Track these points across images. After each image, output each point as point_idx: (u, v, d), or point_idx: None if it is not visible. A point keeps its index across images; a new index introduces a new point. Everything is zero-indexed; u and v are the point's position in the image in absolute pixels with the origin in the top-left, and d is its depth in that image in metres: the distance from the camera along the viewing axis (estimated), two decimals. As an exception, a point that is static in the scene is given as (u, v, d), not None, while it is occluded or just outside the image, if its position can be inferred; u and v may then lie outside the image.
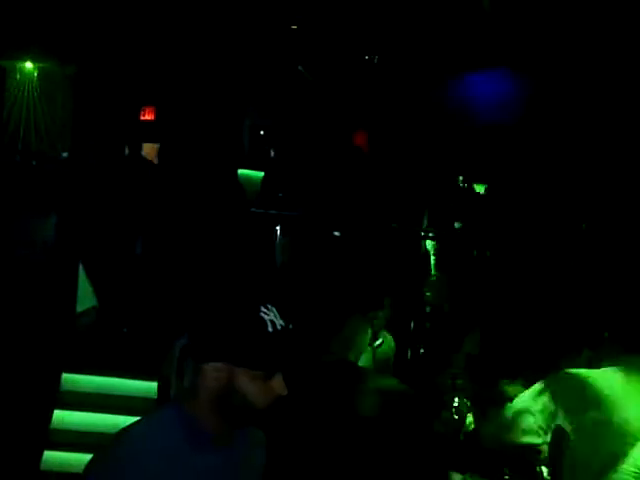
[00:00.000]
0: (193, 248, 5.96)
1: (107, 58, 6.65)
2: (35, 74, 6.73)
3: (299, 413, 2.50)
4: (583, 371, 2.20)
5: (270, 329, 1.50)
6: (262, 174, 7.09)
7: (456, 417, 2.78)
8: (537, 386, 2.24)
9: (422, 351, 6.05)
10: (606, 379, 2.15)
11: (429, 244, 6.84)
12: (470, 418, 2.78)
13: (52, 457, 4.74)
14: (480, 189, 6.98)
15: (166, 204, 6.18)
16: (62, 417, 4.95)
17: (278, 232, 6.65)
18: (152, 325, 5.44)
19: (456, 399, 2.80)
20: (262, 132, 7.22)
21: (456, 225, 6.84)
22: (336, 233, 6.68)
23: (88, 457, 1.51)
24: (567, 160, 6.08)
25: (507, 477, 2.59)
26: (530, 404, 2.22)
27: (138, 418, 1.57)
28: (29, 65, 6.66)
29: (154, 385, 5.05)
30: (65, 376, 5.14)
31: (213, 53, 6.93)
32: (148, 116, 6.84)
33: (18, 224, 5.86)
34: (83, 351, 5.39)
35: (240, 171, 6.86)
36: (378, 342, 4.14)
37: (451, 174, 6.71)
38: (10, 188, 6.11)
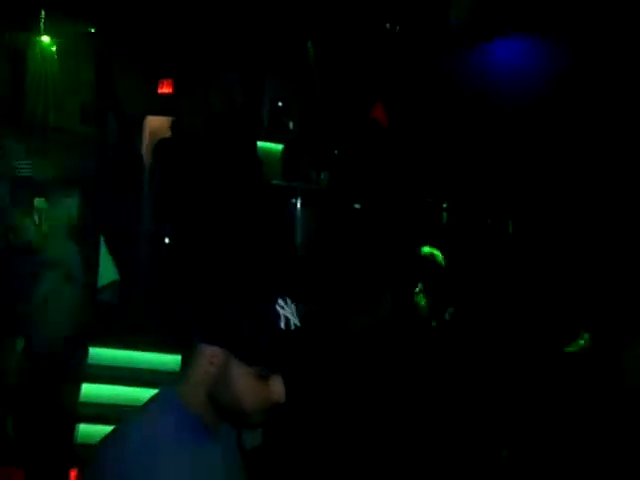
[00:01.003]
0: (213, 224, 5.94)
1: (125, 29, 6.59)
2: (54, 49, 6.67)
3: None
4: None
5: (282, 325, 1.34)
6: (282, 146, 7.04)
7: None
8: None
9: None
10: None
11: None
12: None
13: (81, 430, 4.82)
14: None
15: (186, 181, 6.15)
16: (90, 390, 5.02)
17: (298, 205, 6.63)
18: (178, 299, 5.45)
19: None
20: (280, 104, 7.13)
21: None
22: (357, 205, 6.63)
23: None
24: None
25: None
26: None
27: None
28: (46, 39, 6.61)
29: (178, 358, 5.11)
30: (92, 350, 5.20)
31: (230, 23, 6.84)
32: (166, 89, 6.79)
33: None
34: (107, 325, 5.44)
35: (260, 143, 6.82)
36: None
37: (473, 149, 6.60)
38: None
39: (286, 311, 1.35)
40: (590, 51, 5.89)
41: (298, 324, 1.36)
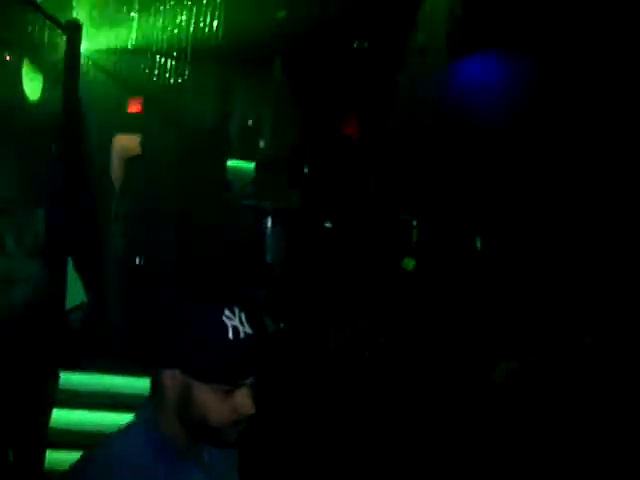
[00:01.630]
0: (177, 244, 5.89)
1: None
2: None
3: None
4: None
5: (231, 336, 1.28)
6: (252, 165, 7.03)
7: None
8: None
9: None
10: None
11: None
12: None
13: (53, 457, 4.69)
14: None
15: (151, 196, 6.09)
16: (61, 416, 4.90)
17: (269, 224, 6.61)
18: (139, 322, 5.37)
19: None
20: (250, 122, 7.13)
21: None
22: (327, 224, 6.65)
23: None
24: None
25: None
26: None
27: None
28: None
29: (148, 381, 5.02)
30: (62, 375, 5.08)
31: (200, 40, 6.83)
32: (135, 108, 6.72)
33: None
34: (77, 348, 5.33)
35: (230, 162, 6.80)
36: None
37: (445, 163, 6.69)
38: None
39: (234, 321, 1.30)
40: (558, 67, 6.04)
41: (250, 331, 1.31)
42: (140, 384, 5.09)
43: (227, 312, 1.30)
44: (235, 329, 1.29)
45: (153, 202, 6.04)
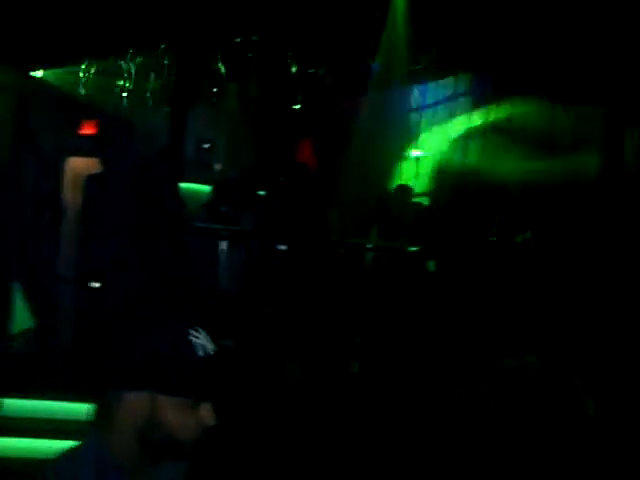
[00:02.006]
0: (133, 261, 5.81)
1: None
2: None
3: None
4: None
5: (201, 353, 1.38)
6: (209, 188, 7.02)
7: None
8: None
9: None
10: None
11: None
12: None
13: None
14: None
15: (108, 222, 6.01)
16: (4, 444, 4.77)
17: (224, 247, 6.58)
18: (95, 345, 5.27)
19: None
20: (206, 146, 7.13)
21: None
22: (282, 247, 6.65)
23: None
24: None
25: None
26: None
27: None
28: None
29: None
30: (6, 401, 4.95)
31: (154, 61, 6.84)
32: (88, 130, 6.67)
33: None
34: (22, 374, 5.21)
35: (185, 185, 6.76)
36: None
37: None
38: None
39: (200, 339, 1.39)
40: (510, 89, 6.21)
41: (213, 348, 1.41)
42: (86, 410, 4.98)
43: (192, 331, 1.39)
44: (203, 347, 1.38)
45: (108, 222, 5.96)
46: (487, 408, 2.59)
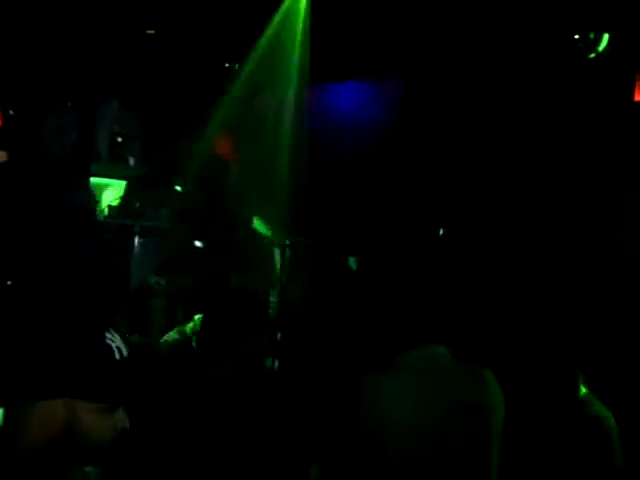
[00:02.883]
0: (45, 259, 5.60)
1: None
2: None
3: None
4: None
5: (118, 356, 1.38)
6: (123, 183, 6.84)
7: None
8: None
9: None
10: None
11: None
12: None
13: None
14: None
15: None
16: None
17: (136, 243, 6.42)
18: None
19: None
20: (120, 139, 6.94)
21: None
22: (198, 244, 6.53)
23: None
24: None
25: None
26: None
27: None
28: None
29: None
30: None
31: (65, 56, 6.61)
32: (-7, 121, 6.38)
33: None
34: None
35: (98, 180, 6.58)
36: None
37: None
38: None
39: (116, 342, 1.38)
40: (423, 96, 6.21)
41: (127, 351, 1.41)
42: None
43: (108, 335, 1.38)
44: (119, 349, 1.38)
45: (10, 217, 5.73)
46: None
